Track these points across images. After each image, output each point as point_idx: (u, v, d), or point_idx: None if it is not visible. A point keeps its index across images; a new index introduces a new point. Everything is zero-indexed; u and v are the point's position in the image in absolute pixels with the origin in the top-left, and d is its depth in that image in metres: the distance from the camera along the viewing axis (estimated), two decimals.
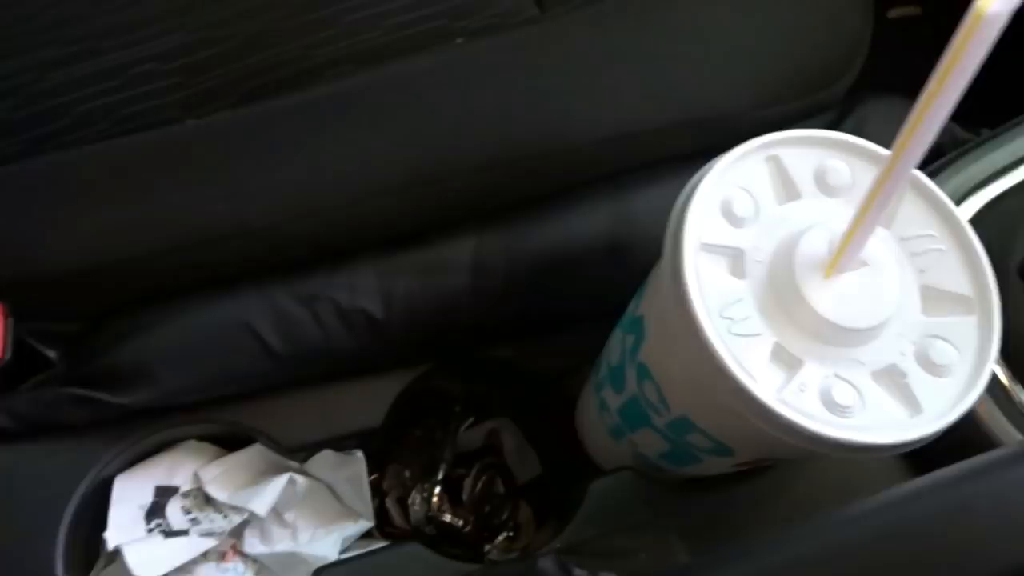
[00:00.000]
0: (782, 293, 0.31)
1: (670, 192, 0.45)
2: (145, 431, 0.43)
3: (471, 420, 0.54)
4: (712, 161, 0.33)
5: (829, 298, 0.30)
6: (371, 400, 0.46)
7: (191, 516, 0.44)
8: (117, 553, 0.43)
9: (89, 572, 0.43)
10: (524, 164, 0.43)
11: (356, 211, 0.42)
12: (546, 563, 0.34)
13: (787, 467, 0.44)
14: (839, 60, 0.46)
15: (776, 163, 0.33)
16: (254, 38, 0.51)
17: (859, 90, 0.50)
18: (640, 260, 0.44)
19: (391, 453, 0.54)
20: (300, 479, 0.46)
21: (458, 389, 0.55)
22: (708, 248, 0.31)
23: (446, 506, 0.52)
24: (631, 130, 0.43)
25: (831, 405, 0.30)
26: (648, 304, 0.37)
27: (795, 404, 0.30)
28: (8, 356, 0.40)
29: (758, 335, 0.31)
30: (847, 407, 0.30)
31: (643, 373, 0.38)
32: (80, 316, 0.44)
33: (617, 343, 0.41)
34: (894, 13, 0.50)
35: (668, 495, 0.44)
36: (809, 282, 0.31)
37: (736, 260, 0.32)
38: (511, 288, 0.44)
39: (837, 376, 0.31)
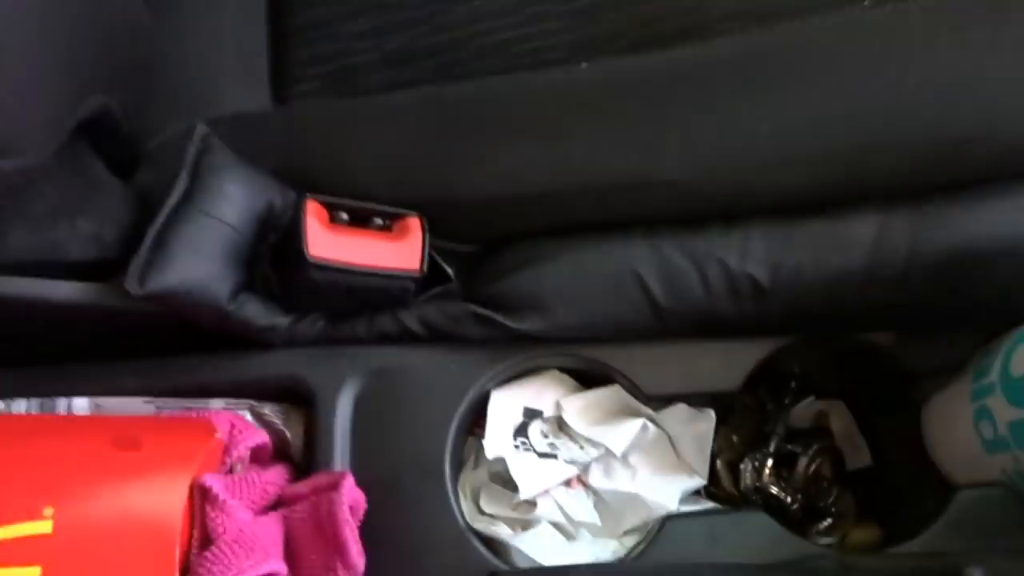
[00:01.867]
0: None
1: None
2: (523, 355, 0.46)
3: (811, 398, 0.53)
4: None
5: None
6: (732, 364, 0.46)
7: (549, 441, 0.47)
8: (484, 460, 0.46)
9: (459, 473, 0.47)
10: (954, 148, 0.40)
11: (765, 176, 0.42)
12: (976, 573, 0.33)
13: None
14: None
15: None
16: None
17: None
18: None
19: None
20: (651, 426, 0.47)
21: (797, 366, 0.54)
22: None
23: (775, 479, 0.51)
24: None
25: None
26: None
27: None
28: (425, 268, 0.44)
29: None
30: None
31: None
32: (481, 240, 0.47)
33: None
34: None
35: None
36: None
37: None
38: (910, 276, 0.42)
39: None
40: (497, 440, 0.45)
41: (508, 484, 0.45)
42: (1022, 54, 0.40)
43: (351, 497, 0.38)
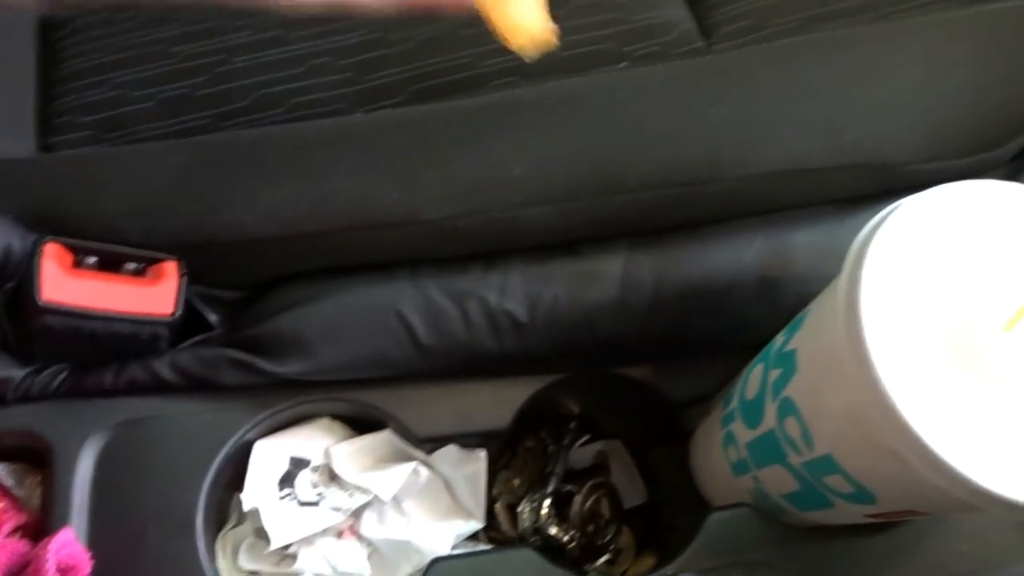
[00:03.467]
0: (959, 341, 0.31)
1: (829, 233, 0.45)
2: (288, 403, 0.45)
3: (587, 437, 0.54)
4: (899, 201, 0.33)
5: (1008, 353, 0.30)
6: (501, 403, 0.47)
7: (318, 490, 0.45)
8: (247, 515, 0.44)
9: (219, 529, 0.45)
10: (686, 188, 0.43)
11: (518, 215, 0.44)
12: None
13: (916, 526, 0.43)
14: (1014, 121, 0.45)
15: (962, 212, 0.33)
16: (427, 43, 0.53)
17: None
18: (791, 297, 0.44)
19: (502, 459, 0.55)
20: (423, 470, 0.47)
21: (575, 406, 0.56)
22: (887, 287, 0.31)
23: (553, 519, 0.52)
24: (797, 167, 0.43)
25: (999, 460, 0.29)
26: (805, 339, 0.37)
27: (962, 454, 0.29)
28: (179, 313, 0.43)
29: (931, 380, 0.30)
30: (1015, 464, 0.29)
31: (787, 408, 0.38)
32: (246, 284, 0.46)
33: (757, 377, 0.41)
34: None
35: (790, 538, 0.43)
36: (989, 335, 0.30)
37: (914, 303, 0.31)
38: (656, 308, 0.45)
39: (1008, 432, 0.30)
40: (257, 491, 0.44)
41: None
42: (739, 107, 0.44)
43: (66, 555, 0.35)
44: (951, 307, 0.31)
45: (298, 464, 0.46)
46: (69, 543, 0.36)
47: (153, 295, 0.43)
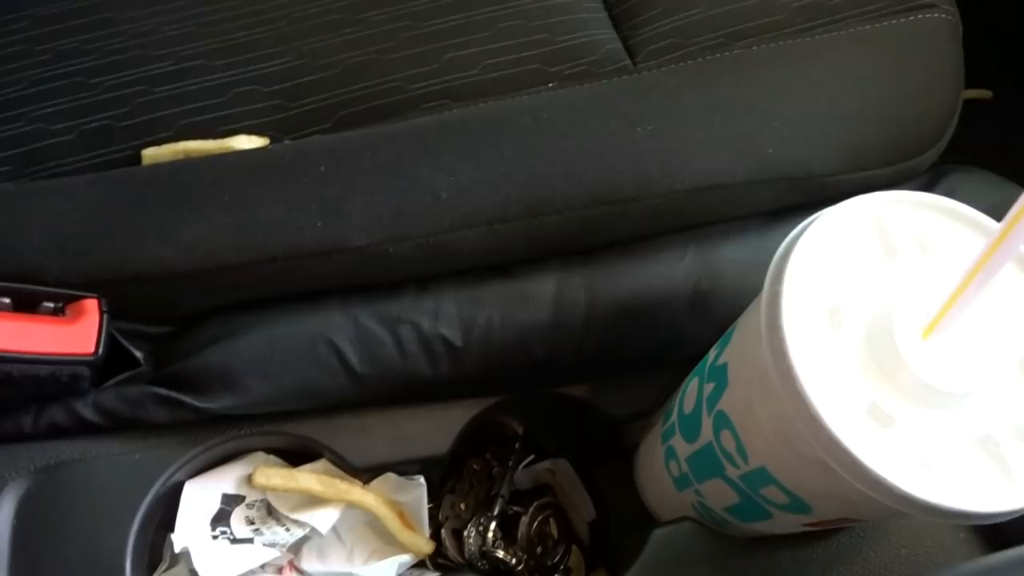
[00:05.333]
0: (879, 350, 0.31)
1: (755, 246, 0.46)
2: (218, 438, 0.44)
3: (531, 458, 0.54)
4: (816, 215, 0.33)
5: (927, 360, 0.30)
6: (439, 428, 0.46)
7: (254, 527, 0.44)
8: (181, 556, 0.43)
9: (152, 573, 0.43)
10: (613, 206, 0.44)
11: (447, 239, 0.43)
12: None
13: (857, 532, 0.43)
14: (931, 130, 0.47)
15: (879, 222, 0.34)
16: (354, 68, 0.53)
17: (943, 163, 0.51)
18: (721, 311, 0.44)
19: (447, 484, 0.54)
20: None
21: (519, 427, 0.55)
22: (807, 300, 0.32)
23: (500, 542, 0.51)
24: (721, 182, 0.43)
25: (923, 467, 0.30)
26: (734, 353, 0.37)
27: (887, 462, 0.29)
28: (101, 352, 0.41)
29: (853, 391, 0.31)
30: (938, 470, 0.30)
31: (721, 422, 0.38)
32: (171, 319, 0.45)
33: (693, 391, 0.41)
34: (967, 95, 0.52)
35: (732, 550, 0.43)
36: (907, 342, 0.31)
37: (834, 315, 0.32)
38: (590, 327, 0.44)
39: (930, 439, 0.30)
40: (188, 531, 0.42)
41: None
42: (662, 125, 0.45)
43: None
44: (871, 317, 0.32)
45: (231, 500, 0.44)
46: None
47: (75, 334, 0.41)
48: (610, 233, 0.45)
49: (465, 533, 0.51)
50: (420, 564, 0.48)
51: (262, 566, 0.44)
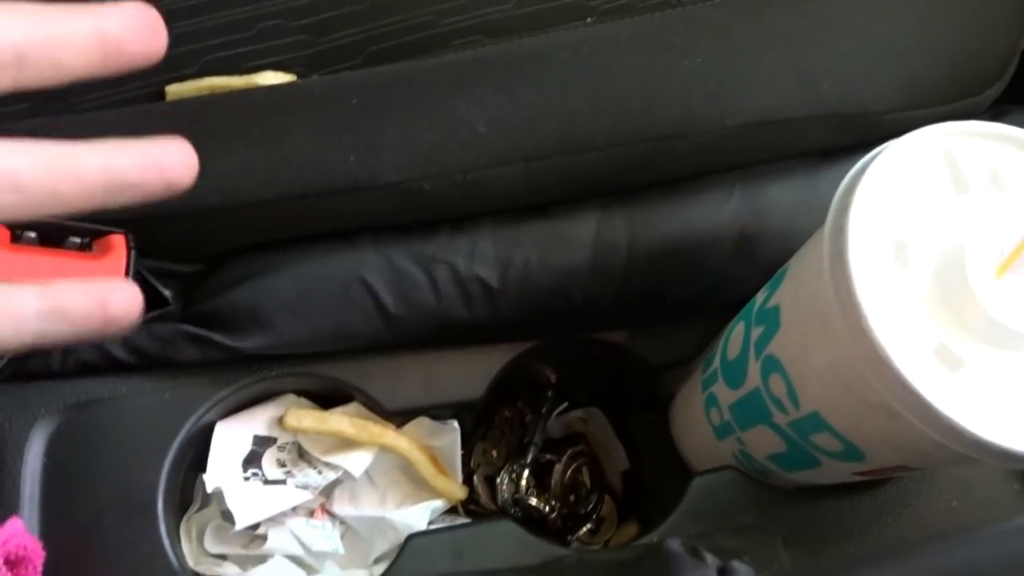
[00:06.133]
0: (949, 290, 0.29)
1: (804, 188, 0.44)
2: (250, 379, 0.43)
3: (564, 406, 0.53)
4: (882, 146, 0.31)
5: (1000, 299, 0.29)
6: (474, 372, 0.45)
7: (286, 469, 0.44)
8: (212, 497, 0.42)
9: (183, 513, 0.43)
10: (658, 144, 0.42)
11: (484, 176, 0.41)
12: (673, 544, 0.33)
13: (905, 482, 0.42)
14: (992, 67, 0.44)
15: (948, 155, 0.32)
16: (383, 2, 0.51)
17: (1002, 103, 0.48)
18: (768, 254, 0.43)
19: (478, 431, 0.53)
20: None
21: (552, 374, 0.54)
22: (873, 236, 0.30)
23: (533, 490, 0.51)
24: (773, 117, 0.41)
25: (994, 410, 0.28)
26: (787, 293, 0.36)
27: (957, 405, 0.28)
28: None
29: (920, 331, 0.29)
30: (1011, 415, 0.28)
31: (771, 366, 0.36)
32: (200, 257, 0.44)
33: (739, 336, 0.40)
34: None
35: (776, 499, 0.42)
36: (980, 280, 0.29)
37: (901, 251, 0.30)
38: (630, 270, 0.43)
39: (1002, 381, 0.29)
40: (220, 472, 0.42)
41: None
42: (710, 58, 0.42)
43: (15, 547, 0.33)
44: (940, 254, 0.30)
45: (263, 443, 0.44)
46: (18, 534, 0.33)
47: (102, 270, 0.40)
48: (653, 172, 0.43)
49: (498, 480, 0.50)
50: (451, 510, 0.48)
51: (293, 509, 0.43)
